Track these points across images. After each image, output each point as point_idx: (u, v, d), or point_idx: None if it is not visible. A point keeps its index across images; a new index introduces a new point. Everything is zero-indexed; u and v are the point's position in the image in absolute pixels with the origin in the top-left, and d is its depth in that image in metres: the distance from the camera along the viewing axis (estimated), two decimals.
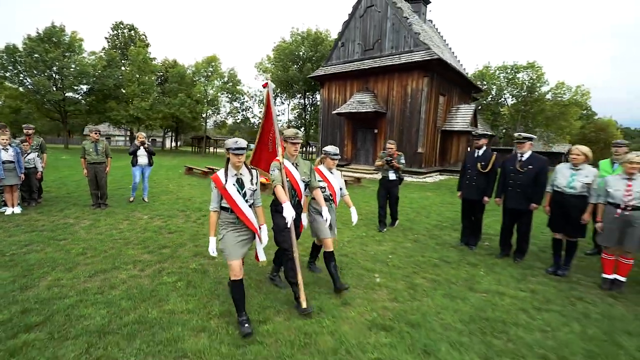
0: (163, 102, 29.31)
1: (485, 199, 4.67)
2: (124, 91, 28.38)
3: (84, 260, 3.74)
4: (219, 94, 31.41)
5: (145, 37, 33.49)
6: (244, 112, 34.15)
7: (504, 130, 34.13)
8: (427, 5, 21.45)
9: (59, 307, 2.68)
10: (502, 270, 4.00)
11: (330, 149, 3.48)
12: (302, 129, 31.89)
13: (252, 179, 2.64)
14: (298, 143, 3.09)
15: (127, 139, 43.16)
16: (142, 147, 6.99)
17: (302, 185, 3.08)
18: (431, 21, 23.91)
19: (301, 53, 28.62)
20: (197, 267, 3.69)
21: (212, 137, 35.29)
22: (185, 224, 5.62)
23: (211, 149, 37.03)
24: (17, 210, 5.63)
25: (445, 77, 17.25)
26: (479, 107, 34.29)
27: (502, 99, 33.69)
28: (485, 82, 33.05)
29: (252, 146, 3.56)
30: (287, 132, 3.05)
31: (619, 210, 3.46)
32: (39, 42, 24.17)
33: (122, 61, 30.12)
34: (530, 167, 4.18)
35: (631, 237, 3.41)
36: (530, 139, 4.28)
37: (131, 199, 7.15)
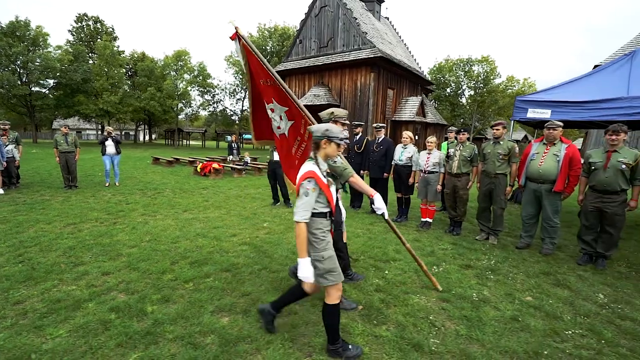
0: (133, 95, 29.84)
1: (362, 172, 6.46)
2: (92, 85, 28.73)
3: (59, 219, 5.24)
4: (189, 88, 32.15)
5: (113, 30, 33.52)
6: (215, 105, 35.05)
7: (462, 120, 36.72)
8: (381, 4, 23.15)
9: (43, 240, 4.21)
10: (360, 220, 5.81)
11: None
12: None
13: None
14: (347, 124, 2.84)
15: (99, 132, 43.01)
16: (109, 138, 8.38)
17: None
18: (387, 18, 25.65)
19: (268, 47, 29.76)
20: (141, 221, 5.28)
21: (184, 130, 36.03)
22: (141, 198, 7.13)
23: (184, 142, 37.77)
24: (1, 191, 6.96)
25: (393, 72, 19.08)
26: (439, 98, 36.69)
27: (460, 91, 36.19)
28: (444, 75, 35.36)
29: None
30: (338, 111, 2.72)
31: (422, 174, 5.31)
32: (1, 36, 24.21)
33: (89, 55, 30.27)
34: (381, 147, 5.99)
35: (430, 192, 5.27)
36: (383, 127, 6.08)
37: (106, 184, 8.52)
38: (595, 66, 16.12)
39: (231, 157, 12.68)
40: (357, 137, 6.51)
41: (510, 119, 5.51)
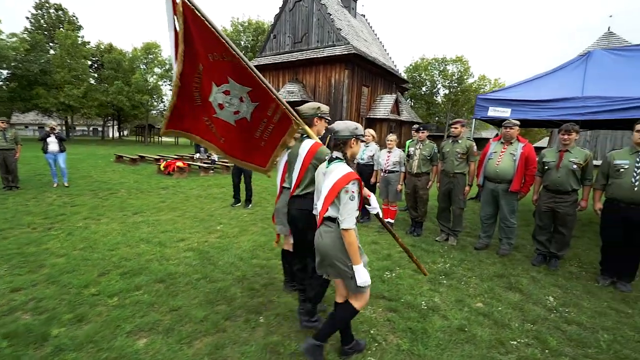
0: (99, 89, 28.28)
1: None
2: (53, 77, 26.91)
3: None
4: (160, 82, 30.86)
5: (76, 18, 31.57)
6: None
7: (437, 119, 37.43)
8: (357, 1, 23.03)
9: None
10: None
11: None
12: None
13: None
14: (329, 121, 2.64)
15: (63, 128, 40.65)
16: (52, 135, 7.71)
17: None
18: (364, 15, 25.60)
19: (242, 42, 29.00)
20: (82, 225, 4.82)
21: (156, 126, 34.60)
22: (90, 200, 6.60)
23: (156, 138, 36.33)
24: None
25: (368, 70, 19.01)
26: (415, 97, 37.18)
27: (435, 90, 36.81)
28: (420, 74, 35.82)
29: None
30: (324, 107, 2.59)
31: (382, 174, 5.16)
32: None
33: (50, 44, 28.37)
34: None
35: (390, 192, 5.14)
36: None
37: (54, 184, 7.85)
38: None
39: (198, 154, 12.16)
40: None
41: (471, 117, 5.47)
